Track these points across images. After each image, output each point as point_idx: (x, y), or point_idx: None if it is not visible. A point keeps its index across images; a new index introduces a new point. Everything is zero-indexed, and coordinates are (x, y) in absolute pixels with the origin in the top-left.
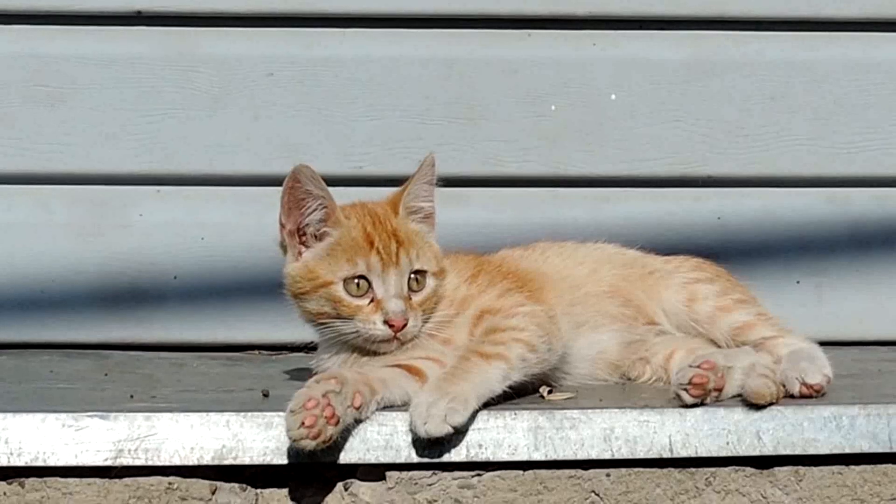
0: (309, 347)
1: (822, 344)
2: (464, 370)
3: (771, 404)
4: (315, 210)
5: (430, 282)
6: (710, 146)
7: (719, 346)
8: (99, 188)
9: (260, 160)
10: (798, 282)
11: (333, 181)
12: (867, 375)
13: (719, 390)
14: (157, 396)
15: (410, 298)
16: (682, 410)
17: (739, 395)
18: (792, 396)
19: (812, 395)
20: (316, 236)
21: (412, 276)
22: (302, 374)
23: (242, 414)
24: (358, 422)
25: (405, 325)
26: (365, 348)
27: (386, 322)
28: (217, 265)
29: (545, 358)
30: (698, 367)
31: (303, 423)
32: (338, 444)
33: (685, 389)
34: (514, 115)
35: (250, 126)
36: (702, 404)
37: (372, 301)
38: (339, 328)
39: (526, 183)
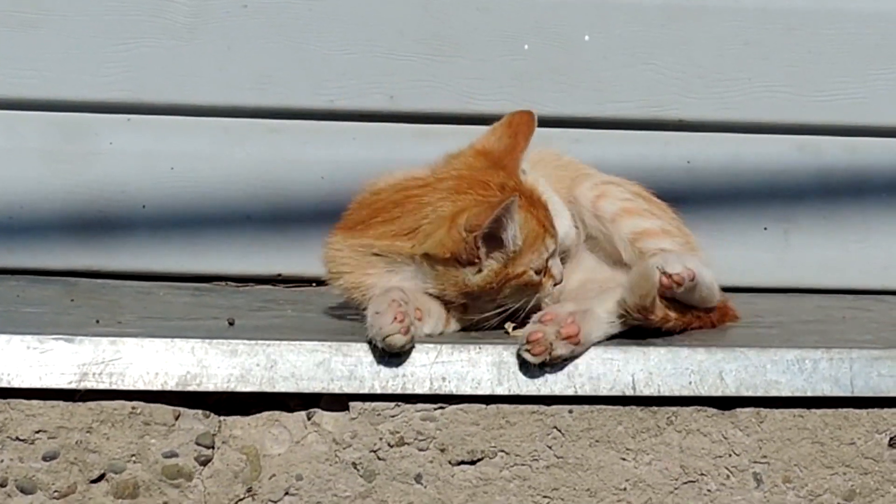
0: (276, 280)
1: (789, 291)
2: None
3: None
4: (507, 231)
5: None
6: (682, 90)
7: (620, 251)
8: (69, 115)
9: (232, 91)
10: (766, 228)
11: (306, 114)
12: (832, 322)
13: (569, 337)
14: (122, 322)
15: None
16: (646, 349)
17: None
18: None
19: (671, 286)
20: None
21: None
22: (268, 306)
23: (207, 341)
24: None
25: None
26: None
27: (555, 284)
28: (187, 195)
29: None
30: (539, 321)
31: (395, 319)
32: (304, 373)
33: (527, 350)
34: (487, 54)
35: (223, 56)
36: (556, 358)
37: (545, 273)
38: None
39: (497, 121)
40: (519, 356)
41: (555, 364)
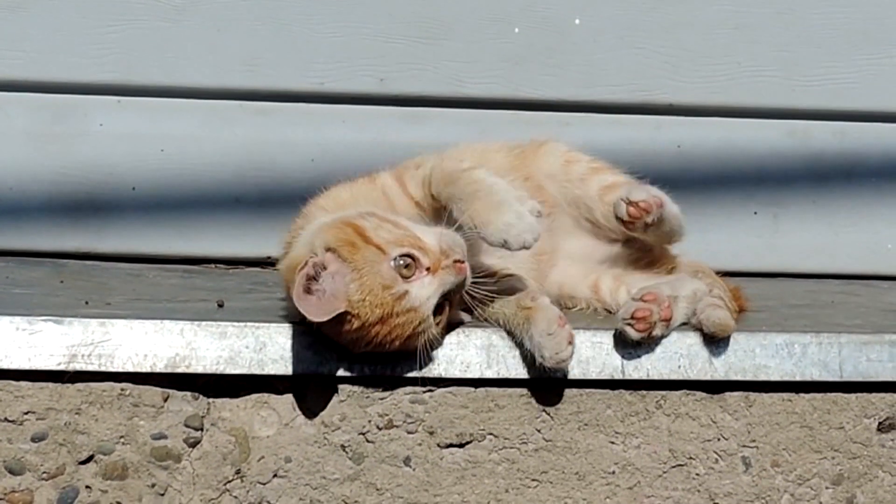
0: (266, 262)
1: (777, 275)
2: (465, 188)
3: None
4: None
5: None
6: (672, 74)
7: (593, 211)
8: (59, 97)
9: (222, 73)
10: (755, 213)
11: (295, 97)
12: (820, 306)
13: (666, 321)
14: (111, 304)
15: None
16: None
17: (685, 324)
18: (621, 221)
19: (640, 215)
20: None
21: None
22: (258, 288)
23: (197, 323)
24: None
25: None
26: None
27: (456, 261)
28: (176, 177)
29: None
30: (641, 299)
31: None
32: (293, 355)
33: (629, 325)
34: (477, 37)
35: (213, 38)
36: (650, 338)
37: (427, 270)
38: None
39: (487, 105)
40: (617, 330)
41: (649, 343)
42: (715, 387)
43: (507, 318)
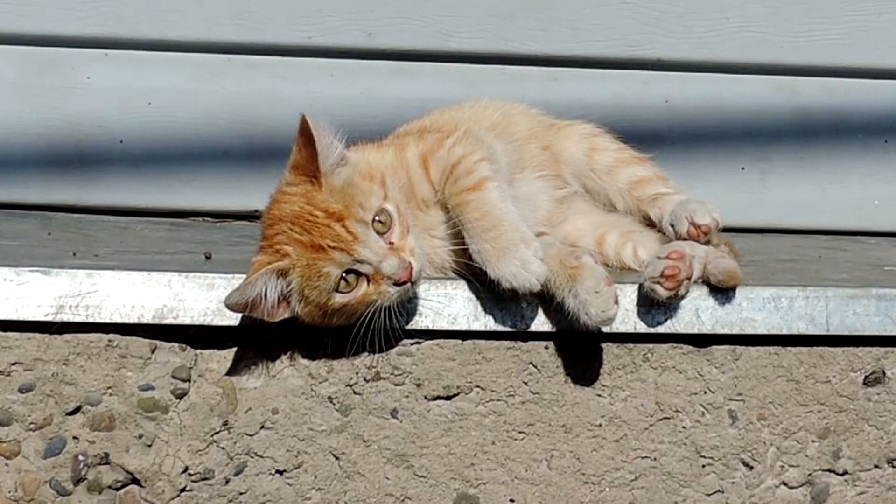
0: (253, 215)
1: (765, 231)
2: (475, 220)
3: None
4: (265, 296)
5: (390, 206)
6: (661, 29)
7: (615, 202)
8: (46, 49)
9: (210, 26)
10: (743, 168)
11: (283, 51)
12: (807, 261)
13: (689, 279)
14: (99, 256)
15: (392, 243)
16: (622, 286)
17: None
18: (679, 237)
19: (699, 236)
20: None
21: (376, 222)
22: (245, 241)
23: (184, 274)
24: None
25: (411, 268)
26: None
27: (396, 283)
28: (164, 131)
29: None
30: (667, 257)
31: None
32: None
33: (658, 283)
34: None
35: None
36: (676, 297)
37: (369, 281)
38: (372, 315)
39: (475, 59)
40: (642, 288)
41: (669, 304)
42: (702, 340)
43: (548, 276)
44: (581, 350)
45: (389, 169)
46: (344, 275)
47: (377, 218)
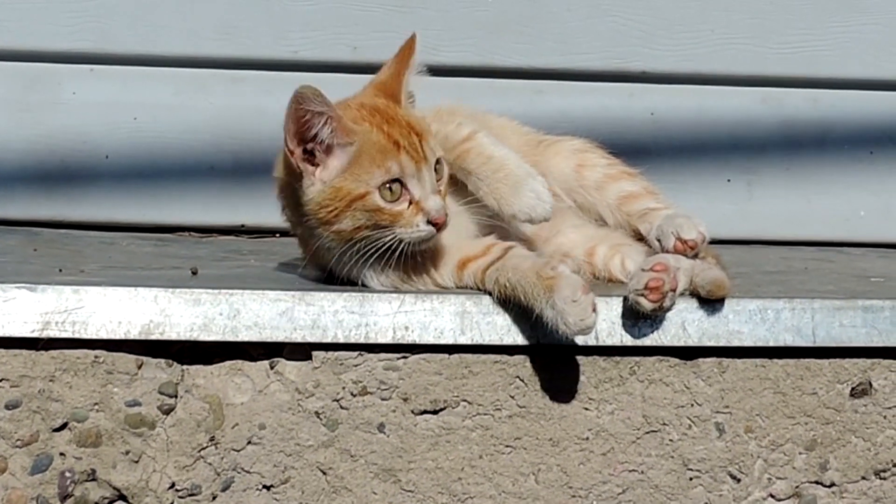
0: (239, 230)
1: (751, 242)
2: (481, 165)
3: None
4: (323, 125)
5: (445, 167)
6: (646, 42)
7: (605, 218)
8: (32, 65)
9: (196, 41)
10: (729, 180)
11: (270, 65)
12: (793, 272)
13: (674, 291)
14: (85, 271)
15: (439, 190)
16: (609, 299)
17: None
18: (665, 251)
19: (686, 251)
20: (327, 154)
21: (437, 163)
22: (232, 256)
23: (170, 290)
24: None
25: (446, 220)
26: (403, 251)
27: (429, 222)
28: (150, 146)
29: None
30: (651, 269)
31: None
32: (267, 322)
33: (642, 295)
34: (451, 5)
35: (187, 6)
36: (660, 309)
37: (410, 203)
38: (378, 239)
39: (461, 73)
40: (627, 300)
41: (655, 317)
42: (688, 353)
43: (524, 289)
44: (567, 363)
45: None
46: (395, 180)
47: (437, 164)
